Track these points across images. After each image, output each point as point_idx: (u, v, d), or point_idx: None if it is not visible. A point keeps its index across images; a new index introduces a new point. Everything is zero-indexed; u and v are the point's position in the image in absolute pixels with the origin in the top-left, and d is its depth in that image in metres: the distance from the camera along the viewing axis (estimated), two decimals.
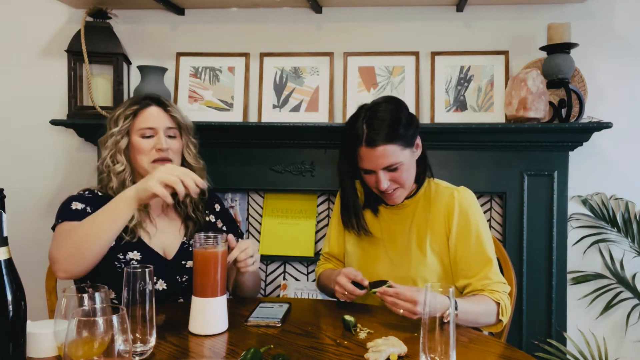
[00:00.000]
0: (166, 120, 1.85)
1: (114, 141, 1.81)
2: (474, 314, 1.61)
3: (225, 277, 1.51)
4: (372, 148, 1.70)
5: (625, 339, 2.53)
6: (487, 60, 2.53)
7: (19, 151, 2.75)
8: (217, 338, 1.43)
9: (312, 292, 2.64)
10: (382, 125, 1.69)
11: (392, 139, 1.69)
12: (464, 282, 1.74)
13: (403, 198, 1.82)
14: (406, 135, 1.72)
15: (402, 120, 1.72)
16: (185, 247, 1.85)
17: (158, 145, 1.80)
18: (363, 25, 2.62)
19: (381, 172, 1.72)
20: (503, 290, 1.71)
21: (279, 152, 2.56)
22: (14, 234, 2.92)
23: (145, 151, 1.80)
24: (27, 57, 2.74)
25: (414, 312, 1.47)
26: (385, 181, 1.73)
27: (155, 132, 1.82)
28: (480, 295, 1.69)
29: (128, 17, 2.69)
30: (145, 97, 1.88)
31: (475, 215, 1.76)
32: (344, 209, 1.92)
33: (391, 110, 1.74)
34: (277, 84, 2.62)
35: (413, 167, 1.80)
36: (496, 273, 1.73)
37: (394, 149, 1.69)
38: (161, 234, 1.84)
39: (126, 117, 1.81)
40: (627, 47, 2.50)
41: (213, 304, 1.45)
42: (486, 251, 1.73)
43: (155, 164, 1.78)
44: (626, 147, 2.51)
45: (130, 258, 1.74)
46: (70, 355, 0.94)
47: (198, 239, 1.46)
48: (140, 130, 1.81)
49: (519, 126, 2.33)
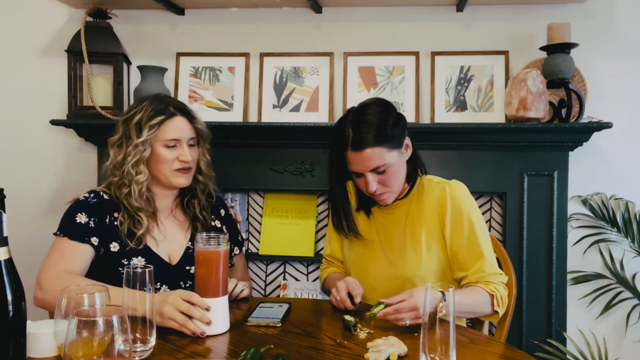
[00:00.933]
0: (190, 132, 1.84)
1: (138, 151, 1.77)
2: (465, 304, 1.62)
3: (227, 277, 1.51)
4: (358, 151, 1.69)
5: (625, 339, 2.53)
6: (487, 60, 2.53)
7: (19, 151, 2.75)
8: (217, 338, 1.42)
9: (312, 292, 2.64)
10: (369, 129, 1.68)
11: (379, 142, 1.68)
12: (460, 274, 1.75)
13: (393, 198, 1.82)
14: (393, 136, 1.71)
15: (389, 122, 1.71)
16: (189, 253, 1.84)
17: (182, 156, 1.80)
18: (363, 25, 2.62)
19: (369, 175, 1.72)
20: (499, 281, 1.71)
21: (279, 152, 2.56)
22: (14, 234, 2.92)
23: (168, 161, 1.80)
24: (27, 57, 2.74)
25: (419, 317, 1.47)
26: (373, 183, 1.72)
27: (180, 143, 1.81)
28: (474, 287, 1.69)
29: (128, 17, 2.68)
30: (169, 105, 1.83)
31: (468, 207, 1.76)
32: (333, 211, 1.93)
33: (378, 113, 1.73)
34: (277, 84, 2.62)
35: (402, 169, 1.79)
36: (491, 265, 1.72)
37: (380, 152, 1.68)
38: (168, 237, 1.84)
39: (151, 127, 1.77)
40: (627, 47, 2.50)
41: (214, 304, 1.45)
42: (480, 243, 1.73)
43: (178, 173, 1.81)
44: (626, 147, 2.51)
45: (134, 264, 1.72)
46: (70, 355, 0.94)
47: (200, 239, 1.46)
48: (165, 141, 1.79)
49: (519, 126, 2.32)
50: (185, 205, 1.92)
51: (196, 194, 1.93)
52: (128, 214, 1.77)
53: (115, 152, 1.82)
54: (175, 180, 1.82)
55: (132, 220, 1.77)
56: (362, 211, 1.92)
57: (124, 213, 1.77)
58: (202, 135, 1.90)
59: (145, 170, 1.79)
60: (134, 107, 1.84)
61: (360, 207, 1.92)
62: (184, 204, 1.92)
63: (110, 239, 1.75)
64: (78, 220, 1.72)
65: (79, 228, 1.71)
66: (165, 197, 1.89)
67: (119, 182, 1.79)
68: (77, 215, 1.72)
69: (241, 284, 1.81)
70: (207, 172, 1.95)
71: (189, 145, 1.83)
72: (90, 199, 1.78)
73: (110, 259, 1.74)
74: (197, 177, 1.92)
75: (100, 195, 1.80)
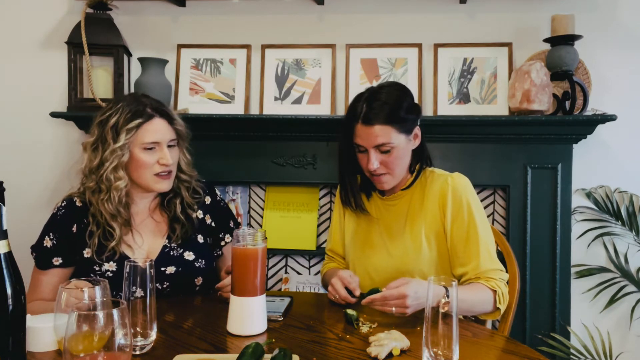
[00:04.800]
0: (170, 133, 1.77)
1: (116, 156, 1.69)
2: (467, 302, 1.59)
3: (265, 275, 1.45)
4: (367, 126, 1.70)
5: (629, 333, 2.52)
6: (491, 52, 2.51)
7: (19, 144, 2.74)
8: (218, 332, 1.41)
9: (314, 285, 2.63)
10: (382, 107, 1.70)
11: (389, 121, 1.69)
12: (460, 270, 1.72)
13: (392, 184, 1.80)
14: (404, 120, 1.71)
15: (403, 105, 1.72)
16: (166, 251, 1.78)
17: (163, 160, 1.73)
18: (365, 17, 2.60)
19: (373, 151, 1.72)
20: (500, 277, 1.68)
21: (280, 144, 2.54)
22: (13, 227, 2.91)
23: (148, 166, 1.72)
24: (27, 49, 2.72)
25: (405, 306, 1.45)
26: (375, 161, 1.72)
27: (160, 145, 1.74)
28: (475, 284, 1.67)
29: (128, 9, 2.66)
30: (146, 106, 1.74)
31: (470, 201, 1.74)
32: (341, 185, 1.91)
33: (394, 94, 1.74)
34: (279, 76, 2.60)
35: (407, 155, 1.78)
36: (491, 260, 1.70)
37: (388, 130, 1.69)
38: (144, 242, 1.79)
39: (129, 131, 1.69)
40: (631, 39, 2.48)
41: (252, 304, 1.40)
42: (482, 238, 1.70)
43: (158, 178, 1.75)
44: (631, 140, 2.49)
45: (105, 269, 1.70)
46: (70, 349, 0.94)
47: (236, 237, 1.41)
48: (143, 144, 1.71)
49: (523, 118, 2.31)
50: (166, 204, 1.84)
51: (179, 193, 1.85)
52: (97, 225, 1.72)
53: (90, 155, 1.75)
54: (156, 186, 1.76)
55: (103, 232, 1.71)
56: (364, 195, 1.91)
57: (93, 225, 1.72)
58: (181, 136, 1.83)
59: (125, 176, 1.72)
60: (109, 109, 1.75)
61: (362, 190, 1.91)
62: (164, 203, 1.85)
63: (83, 246, 1.72)
64: (45, 243, 1.73)
65: (44, 253, 1.72)
66: (144, 200, 1.83)
67: (95, 187, 1.72)
68: (45, 237, 1.73)
69: None
70: (189, 172, 1.88)
71: (168, 147, 1.76)
72: (59, 213, 1.76)
73: (83, 264, 1.72)
74: (180, 175, 1.85)
75: (72, 204, 1.77)
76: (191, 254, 1.80)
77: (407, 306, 1.45)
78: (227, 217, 1.97)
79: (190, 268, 1.78)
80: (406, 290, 1.45)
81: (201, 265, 1.80)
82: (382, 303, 1.47)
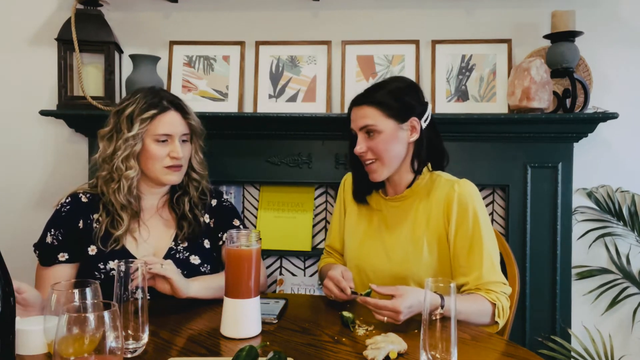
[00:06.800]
0: (183, 127, 1.80)
1: (128, 145, 1.72)
2: (464, 313, 1.54)
3: (259, 277, 1.44)
4: (356, 106, 1.74)
5: (631, 336, 2.49)
6: (490, 48, 2.48)
7: (7, 143, 2.69)
8: (211, 335, 1.39)
9: (310, 287, 2.60)
10: (374, 90, 1.73)
11: (376, 103, 1.70)
12: (461, 280, 1.67)
13: (384, 176, 1.76)
14: (397, 107, 1.70)
15: (397, 92, 1.72)
16: (172, 254, 1.78)
17: (173, 153, 1.75)
18: (362, 13, 2.57)
19: (359, 134, 1.73)
20: (502, 291, 1.63)
21: (275, 143, 2.51)
22: (2, 227, 2.88)
23: (159, 158, 1.75)
24: (16, 45, 2.67)
25: (397, 320, 1.43)
26: (362, 144, 1.73)
27: (172, 138, 1.76)
28: (474, 294, 1.62)
29: (120, 5, 2.62)
30: (163, 99, 1.78)
31: (476, 209, 1.69)
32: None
33: (393, 84, 1.76)
34: (273, 73, 2.56)
35: (396, 143, 1.72)
36: (494, 272, 1.65)
37: (374, 112, 1.70)
38: (151, 238, 1.79)
39: (143, 121, 1.72)
40: (633, 36, 2.46)
41: (246, 306, 1.39)
42: (486, 249, 1.66)
43: (168, 170, 1.77)
44: (633, 138, 2.47)
45: (110, 268, 1.69)
46: (60, 352, 0.93)
47: (230, 237, 1.40)
48: (156, 136, 1.74)
49: (522, 117, 2.29)
50: (175, 202, 1.86)
51: (188, 191, 1.87)
52: (107, 214, 1.74)
53: (105, 144, 1.78)
54: (165, 178, 1.78)
55: (112, 220, 1.73)
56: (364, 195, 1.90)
57: (102, 213, 1.74)
58: (195, 132, 1.85)
59: (136, 166, 1.74)
60: (127, 99, 1.79)
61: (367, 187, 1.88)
62: (173, 200, 1.86)
63: (88, 242, 1.73)
64: (47, 239, 1.72)
65: (48, 250, 1.72)
66: (153, 195, 1.85)
67: (107, 177, 1.75)
68: (47, 233, 1.73)
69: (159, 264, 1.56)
70: (200, 171, 1.89)
71: (181, 142, 1.78)
72: (64, 209, 1.76)
73: (88, 262, 1.71)
74: (190, 174, 1.87)
75: (77, 199, 1.78)
76: (197, 258, 1.81)
77: (399, 320, 1.43)
78: (230, 218, 1.95)
79: (196, 272, 1.78)
80: (400, 306, 1.41)
81: (206, 270, 1.81)
82: (375, 310, 1.45)
